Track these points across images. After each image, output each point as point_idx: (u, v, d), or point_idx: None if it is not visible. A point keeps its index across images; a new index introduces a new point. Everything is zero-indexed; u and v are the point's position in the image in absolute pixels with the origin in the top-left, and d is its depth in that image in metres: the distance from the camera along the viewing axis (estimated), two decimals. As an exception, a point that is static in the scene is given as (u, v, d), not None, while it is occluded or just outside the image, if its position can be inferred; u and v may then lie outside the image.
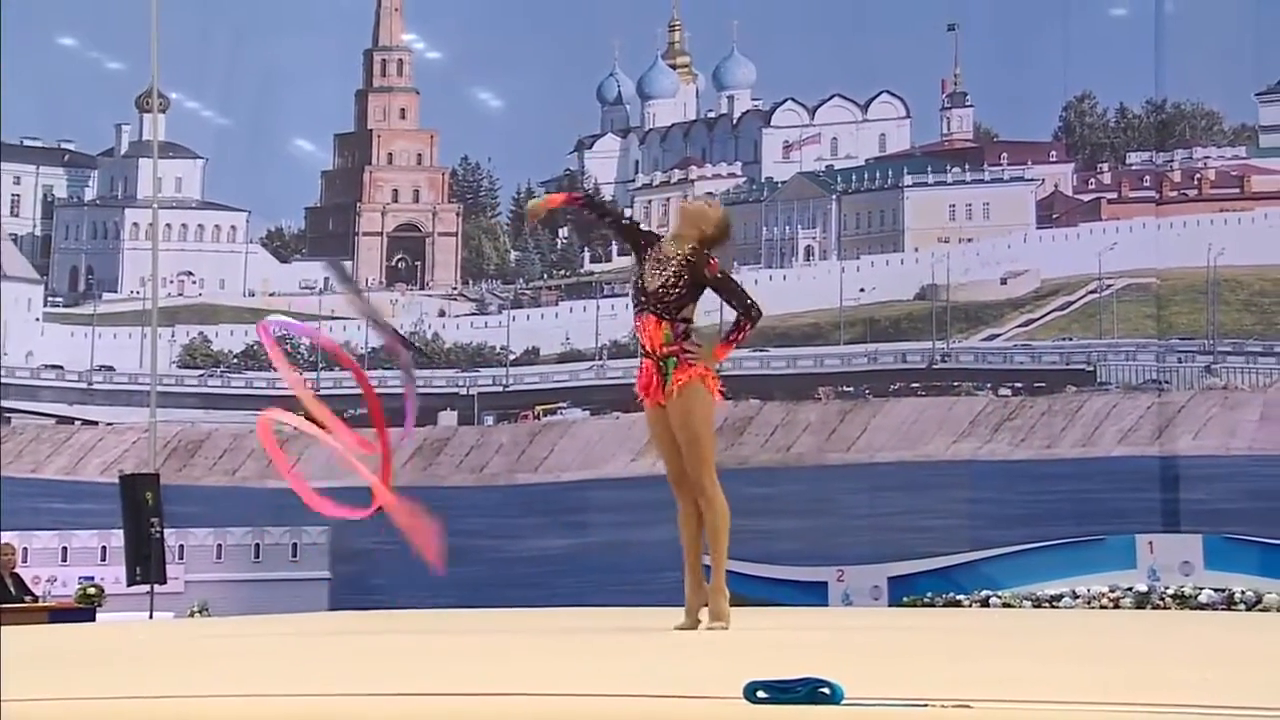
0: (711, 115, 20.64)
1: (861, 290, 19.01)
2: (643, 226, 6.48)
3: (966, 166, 19.25)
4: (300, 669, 3.90)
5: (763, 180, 20.05)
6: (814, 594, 16.41)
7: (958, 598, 15.38)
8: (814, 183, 19.80)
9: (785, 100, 19.94)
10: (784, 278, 19.55)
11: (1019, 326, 18.64)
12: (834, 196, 19.60)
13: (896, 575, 16.28)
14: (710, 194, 6.42)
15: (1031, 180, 19.05)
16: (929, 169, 19.35)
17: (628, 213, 6.48)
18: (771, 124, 20.05)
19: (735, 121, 20.37)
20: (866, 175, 19.62)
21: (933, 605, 14.92)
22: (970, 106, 19.46)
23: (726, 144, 20.45)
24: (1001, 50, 18.43)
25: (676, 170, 20.50)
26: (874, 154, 19.68)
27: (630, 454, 18.87)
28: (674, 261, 5.78)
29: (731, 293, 5.91)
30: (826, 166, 19.81)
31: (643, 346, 5.95)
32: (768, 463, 18.37)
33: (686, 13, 20.70)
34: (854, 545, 16.91)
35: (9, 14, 19.66)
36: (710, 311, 6.15)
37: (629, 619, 7.01)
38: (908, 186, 19.31)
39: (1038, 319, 18.61)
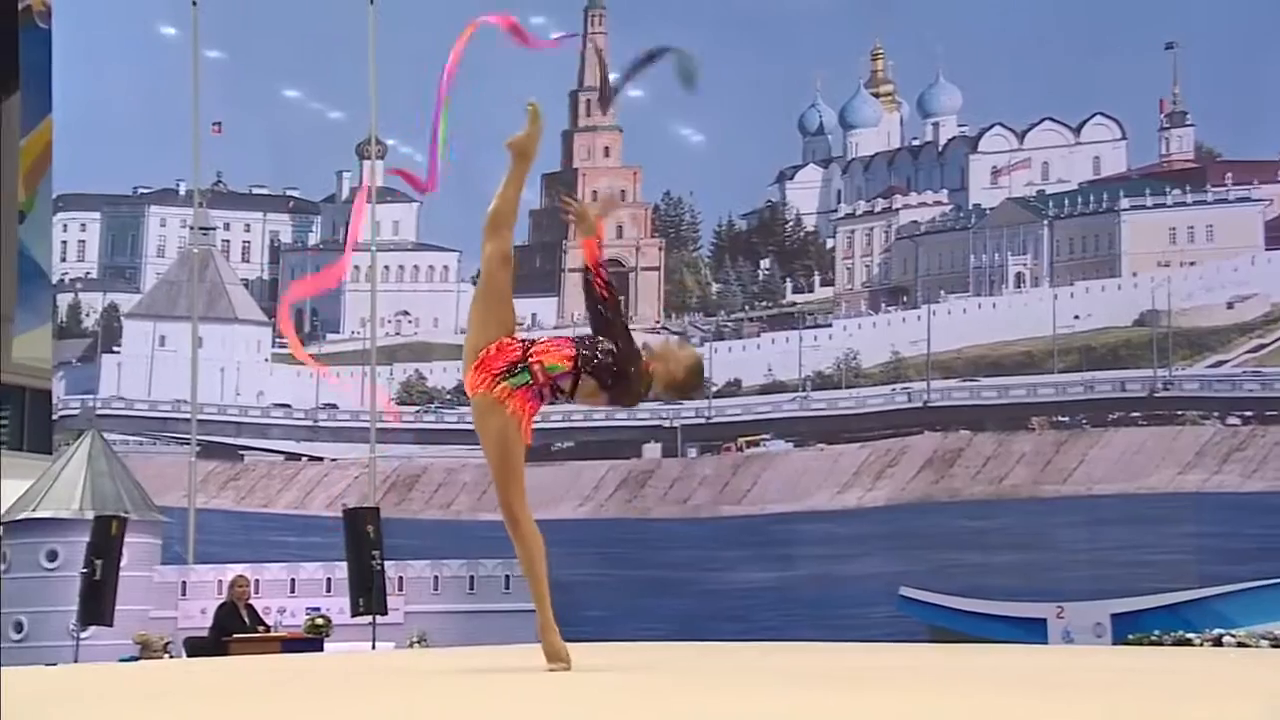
0: (916, 143, 20.37)
1: (1076, 317, 18.41)
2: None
3: (1188, 188, 18.47)
4: (525, 701, 3.97)
5: (970, 207, 19.67)
6: (1033, 631, 15.88)
7: (1188, 636, 14.65)
8: (1024, 208, 19.30)
9: (993, 125, 19.53)
10: (993, 306, 19.09)
11: (1248, 352, 17.73)
12: (1046, 222, 19.07)
13: (1120, 612, 15.63)
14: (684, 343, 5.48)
15: (1259, 200, 18.15)
16: (1147, 191, 18.65)
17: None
18: (979, 150, 19.66)
19: (941, 148, 20.05)
20: (1080, 199, 19.03)
21: (1160, 644, 14.25)
22: (1191, 125, 18.69)
23: (932, 171, 20.14)
24: (1223, 67, 17.64)
25: (880, 199, 20.27)
26: (1088, 177, 19.08)
27: (836, 486, 18.65)
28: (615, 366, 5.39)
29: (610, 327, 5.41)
30: (1037, 191, 19.30)
31: (531, 346, 5.37)
32: (980, 495, 17.92)
33: (889, 41, 20.50)
34: (1073, 580, 16.32)
35: (239, 69, 20.83)
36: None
37: (840, 655, 6.89)
38: (1124, 210, 18.64)
39: (1269, 344, 17.67)
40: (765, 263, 20.63)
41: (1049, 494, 17.63)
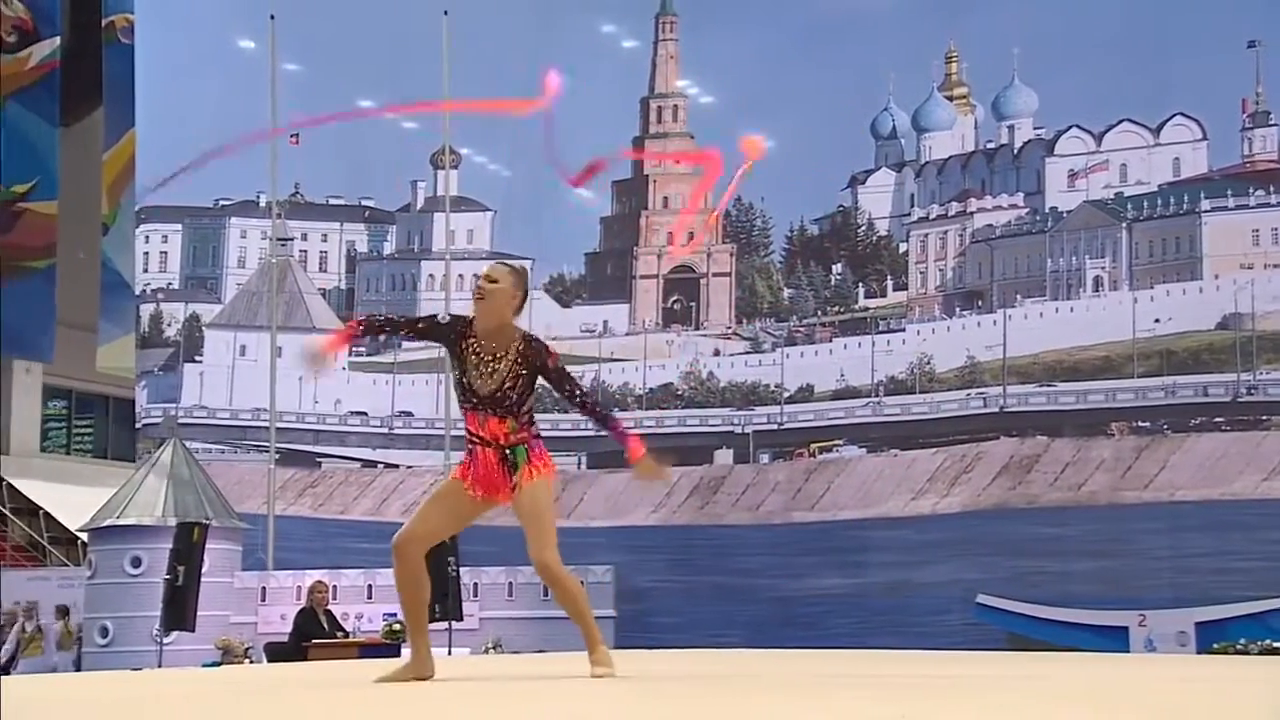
0: (991, 146, 20.16)
1: (1156, 321, 18.10)
2: (439, 318, 5.44)
3: (1271, 188, 18.09)
4: (596, 707, 3.98)
5: (1046, 210, 19.42)
6: (1114, 639, 15.64)
7: (1275, 644, 14.35)
8: (1102, 211, 19.03)
9: (1070, 127, 19.27)
10: (1070, 310, 18.83)
11: (1335, 356, 17.35)
12: (1124, 224, 18.78)
13: (1205, 620, 15.35)
14: (499, 268, 5.19)
15: (1344, 200, 17.76)
16: (1229, 192, 18.30)
17: (434, 313, 5.22)
18: (1055, 152, 19.41)
19: (1016, 151, 19.83)
20: (1160, 201, 18.71)
21: (1246, 653, 13.97)
22: (1274, 125, 18.31)
23: (1007, 174, 19.91)
24: (1307, 64, 17.28)
25: (954, 203, 20.08)
26: (1167, 179, 18.76)
27: (910, 493, 18.49)
28: (505, 360, 5.21)
29: (567, 383, 5.25)
30: (1116, 194, 19.01)
31: (476, 436, 5.27)
32: (1058, 501, 17.67)
33: (964, 43, 20.32)
34: (1155, 588, 16.06)
35: (316, 81, 21.12)
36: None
37: (914, 664, 6.83)
38: (1205, 211, 18.30)
39: (1356, 347, 17.28)
40: (837, 268, 20.52)
41: (1129, 500, 17.35)
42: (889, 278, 20.21)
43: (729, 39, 20.24)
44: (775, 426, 19.75)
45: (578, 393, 5.30)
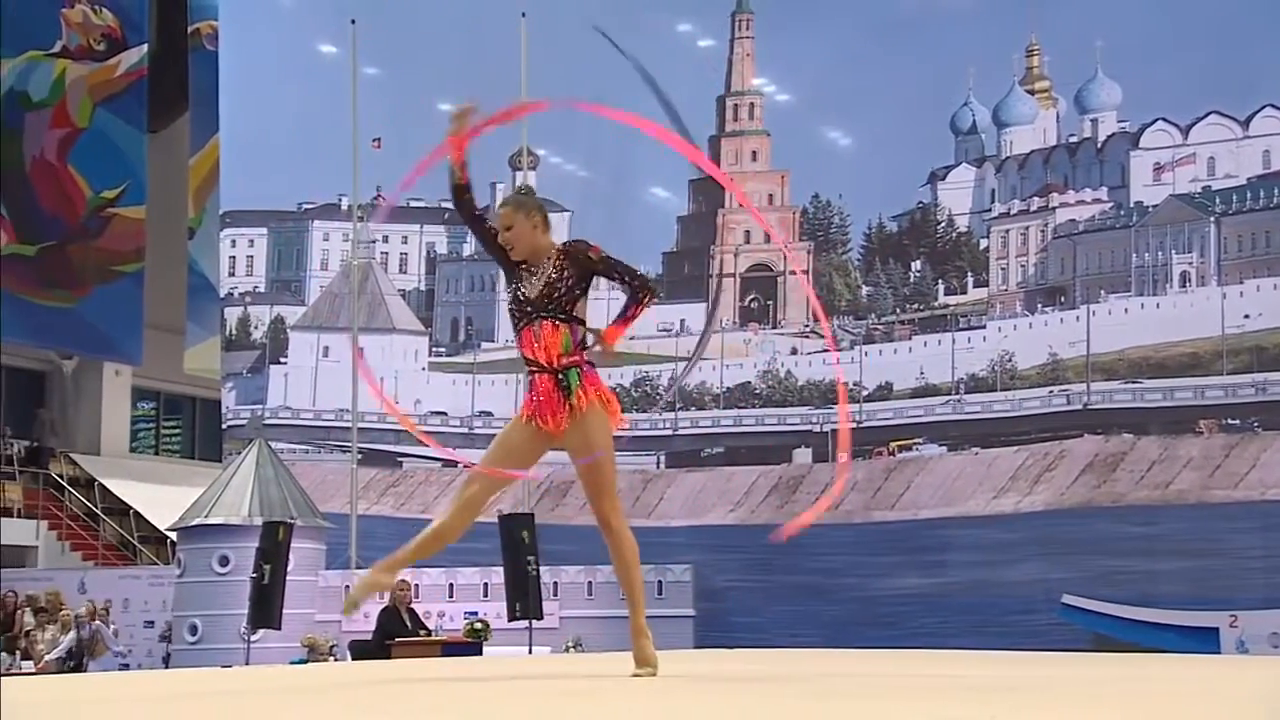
0: (1074, 140, 19.85)
1: (1246, 317, 17.71)
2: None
3: (1365, 179, 17.64)
4: (675, 707, 3.99)
5: (1131, 205, 19.09)
6: (1205, 641, 15.34)
7: (1370, 648, 14.02)
8: (1189, 205, 18.66)
9: (1155, 120, 18.92)
10: (1157, 305, 18.50)
11: None
12: (1212, 219, 18.40)
13: (1298, 622, 15.03)
14: (508, 212, 5.08)
15: None
16: (1322, 184, 17.87)
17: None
18: (1140, 146, 19.07)
19: (1100, 145, 19.51)
20: (1249, 195, 18.32)
21: (1341, 657, 13.64)
22: (1367, 114, 17.84)
23: (1090, 169, 19.60)
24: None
25: (1036, 198, 19.81)
26: (1257, 172, 18.34)
27: (991, 491, 18.29)
28: (547, 267, 5.26)
29: (620, 270, 5.28)
30: (1203, 188, 18.63)
31: (534, 360, 5.22)
32: (1145, 500, 17.38)
33: (1045, 36, 20.03)
34: (1247, 588, 15.73)
35: (396, 84, 21.37)
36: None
37: (1002, 664, 6.75)
38: (1297, 204, 17.90)
39: None
40: (916, 264, 20.33)
41: (1219, 499, 17.00)
42: (969, 274, 20.00)
43: (805, 35, 20.15)
44: (854, 425, 19.62)
45: (627, 275, 5.40)
